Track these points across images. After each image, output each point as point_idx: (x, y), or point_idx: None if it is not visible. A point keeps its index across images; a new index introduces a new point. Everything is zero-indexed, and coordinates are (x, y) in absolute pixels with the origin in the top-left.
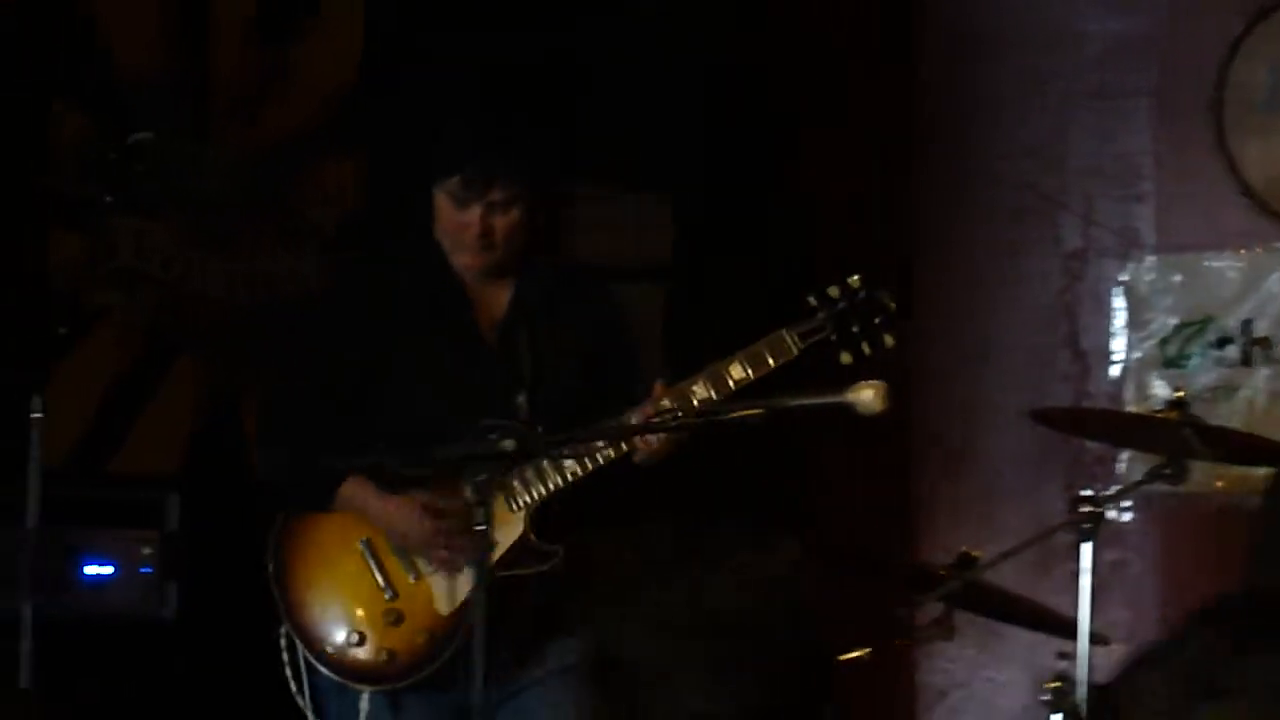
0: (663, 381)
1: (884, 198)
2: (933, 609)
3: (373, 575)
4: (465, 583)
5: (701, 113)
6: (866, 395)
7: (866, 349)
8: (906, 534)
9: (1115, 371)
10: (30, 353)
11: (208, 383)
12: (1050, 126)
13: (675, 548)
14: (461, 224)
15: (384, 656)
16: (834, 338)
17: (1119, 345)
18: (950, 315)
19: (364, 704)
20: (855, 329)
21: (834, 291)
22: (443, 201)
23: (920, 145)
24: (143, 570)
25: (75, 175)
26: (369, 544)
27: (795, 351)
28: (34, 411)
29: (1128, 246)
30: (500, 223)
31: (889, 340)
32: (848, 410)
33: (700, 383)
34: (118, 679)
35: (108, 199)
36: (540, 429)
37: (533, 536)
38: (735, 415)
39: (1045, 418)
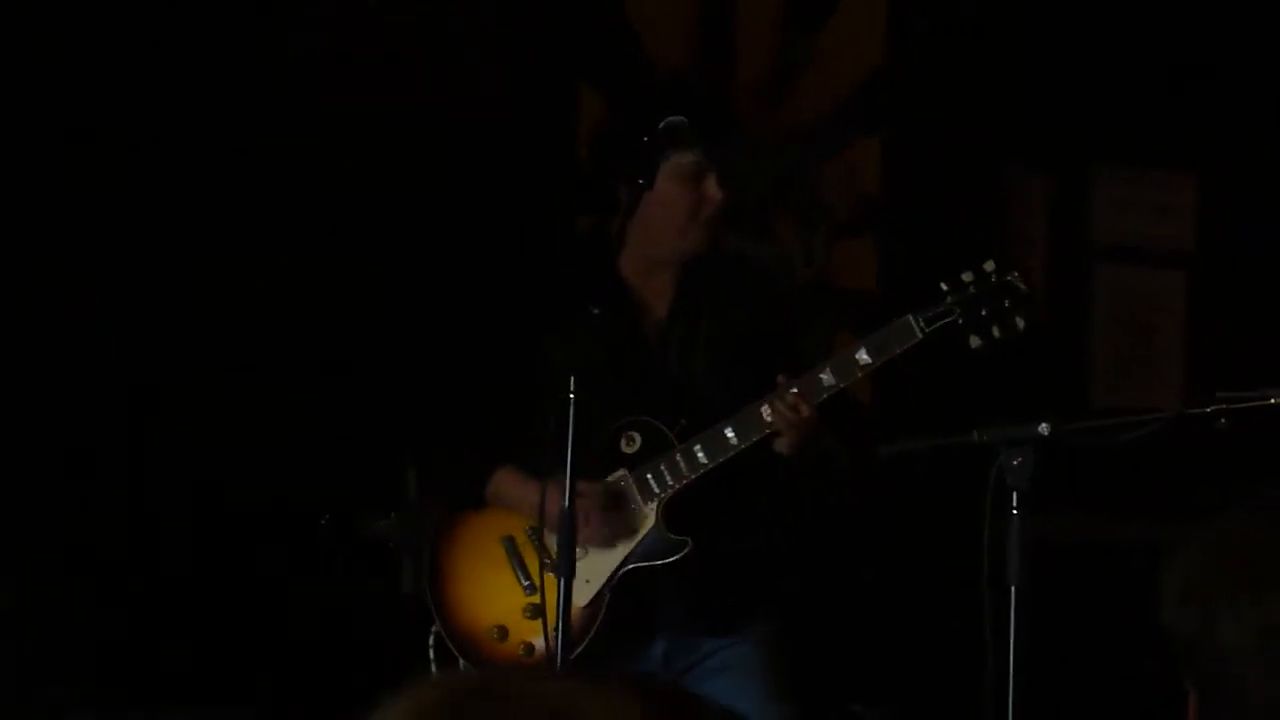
0: (785, 374)
1: None
2: None
3: (513, 570)
4: (600, 574)
5: (1230, 89)
6: None
7: (997, 333)
8: None
9: None
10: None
11: None
12: None
13: None
14: (700, 199)
15: (522, 650)
16: (961, 321)
17: None
18: None
19: None
20: (984, 313)
21: (966, 276)
22: (670, 180)
23: None
24: None
25: (601, 158)
26: (510, 540)
27: (920, 336)
28: (571, 392)
29: None
30: (725, 195)
31: (1019, 323)
32: None
33: (826, 371)
34: None
35: (640, 182)
36: (684, 421)
37: (664, 528)
38: None
39: None
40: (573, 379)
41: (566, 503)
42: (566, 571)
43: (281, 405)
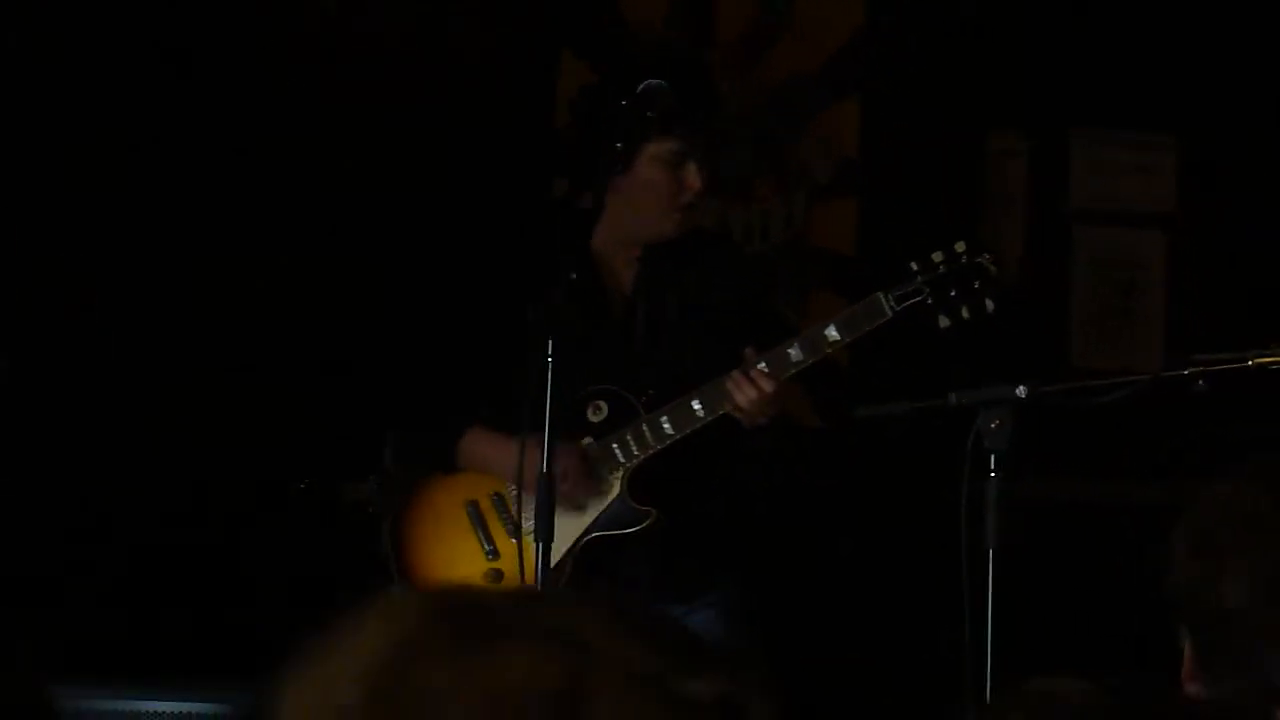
0: (753, 349)
1: None
2: None
3: (476, 535)
4: (564, 542)
5: (1209, 50)
6: None
7: (965, 313)
8: None
9: None
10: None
11: None
12: None
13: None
14: (681, 183)
15: None
16: (930, 301)
17: None
18: None
19: None
20: (953, 293)
21: (937, 256)
22: (651, 163)
23: None
24: None
25: (581, 125)
26: (474, 505)
27: (889, 314)
28: (549, 355)
29: None
30: (704, 176)
31: (989, 305)
32: None
33: (795, 346)
34: None
35: (618, 145)
36: (652, 391)
37: (628, 498)
38: None
39: None
40: (551, 343)
41: (545, 466)
42: (546, 536)
43: (263, 375)
